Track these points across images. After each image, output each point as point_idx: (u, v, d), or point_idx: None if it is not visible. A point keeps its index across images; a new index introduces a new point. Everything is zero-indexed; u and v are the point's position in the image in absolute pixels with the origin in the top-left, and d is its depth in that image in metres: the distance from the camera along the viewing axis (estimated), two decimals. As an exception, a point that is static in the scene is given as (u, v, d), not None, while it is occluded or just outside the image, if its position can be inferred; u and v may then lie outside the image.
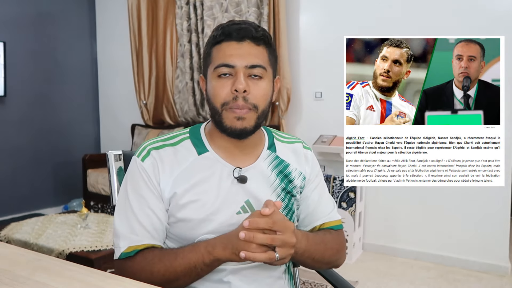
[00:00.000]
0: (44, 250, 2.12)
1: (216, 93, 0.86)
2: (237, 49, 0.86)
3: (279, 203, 0.84)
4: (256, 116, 0.87)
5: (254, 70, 0.86)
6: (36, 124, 3.99)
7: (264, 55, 0.88)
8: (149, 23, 3.96)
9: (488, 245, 2.64)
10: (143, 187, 0.88)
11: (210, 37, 0.91)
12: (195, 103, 3.72)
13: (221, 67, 0.86)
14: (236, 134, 0.88)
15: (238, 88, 0.84)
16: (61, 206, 4.17)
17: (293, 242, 0.80)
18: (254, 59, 0.86)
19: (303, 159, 1.01)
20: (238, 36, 0.86)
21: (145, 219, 0.86)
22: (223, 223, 0.88)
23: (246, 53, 0.86)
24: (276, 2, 3.20)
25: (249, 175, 0.91)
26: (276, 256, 0.78)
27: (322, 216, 1.00)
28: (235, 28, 0.86)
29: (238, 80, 0.84)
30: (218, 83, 0.86)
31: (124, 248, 0.86)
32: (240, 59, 0.85)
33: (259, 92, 0.86)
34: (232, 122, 0.86)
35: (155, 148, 0.91)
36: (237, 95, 0.84)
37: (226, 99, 0.85)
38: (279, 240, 0.78)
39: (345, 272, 2.63)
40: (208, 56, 0.90)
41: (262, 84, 0.87)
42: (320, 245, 0.93)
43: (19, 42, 3.79)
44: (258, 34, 0.87)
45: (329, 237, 0.97)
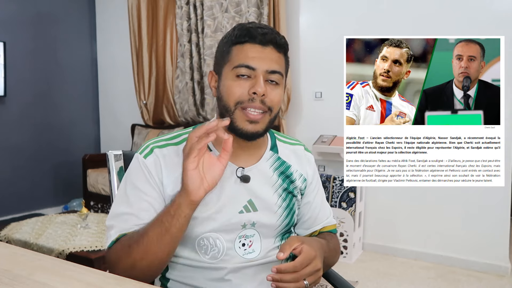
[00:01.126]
0: (44, 250, 2.12)
1: (232, 91, 0.85)
2: (260, 53, 0.86)
3: (295, 247, 0.81)
4: (269, 119, 0.88)
5: (273, 76, 0.86)
6: (36, 124, 3.99)
7: (282, 62, 0.89)
8: (149, 23, 3.96)
9: (488, 245, 2.64)
10: (142, 181, 0.88)
11: (229, 35, 0.89)
12: (195, 103, 3.72)
13: (241, 68, 0.85)
14: (247, 136, 0.88)
15: (257, 91, 0.83)
16: (61, 206, 4.17)
17: (319, 267, 0.80)
18: (275, 65, 0.87)
19: (305, 161, 1.03)
20: (263, 40, 0.86)
21: (141, 212, 0.86)
22: (226, 222, 0.88)
23: (268, 58, 0.86)
24: (276, 2, 3.20)
25: (252, 175, 0.92)
26: (305, 284, 0.78)
27: (322, 220, 1.04)
28: (260, 32, 0.86)
29: (258, 83, 0.84)
30: (235, 82, 0.86)
31: (114, 236, 0.85)
32: (262, 63, 0.85)
33: (275, 97, 0.87)
34: (244, 124, 0.86)
35: (158, 147, 0.91)
36: (255, 97, 0.84)
37: (241, 98, 0.85)
38: (306, 274, 0.78)
39: (345, 272, 2.63)
40: (226, 54, 0.89)
41: (278, 90, 0.88)
42: (332, 251, 0.97)
43: (19, 42, 3.78)
44: (281, 41, 0.88)
45: (335, 241, 1.02)
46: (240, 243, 0.91)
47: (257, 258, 0.92)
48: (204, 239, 0.89)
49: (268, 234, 0.94)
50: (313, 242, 0.84)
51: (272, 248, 0.95)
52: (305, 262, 0.77)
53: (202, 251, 0.89)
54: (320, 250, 0.84)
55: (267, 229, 0.93)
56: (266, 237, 0.94)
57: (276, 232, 0.95)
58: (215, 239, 0.89)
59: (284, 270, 0.76)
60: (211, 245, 0.89)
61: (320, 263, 0.80)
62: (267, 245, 0.94)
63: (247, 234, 0.91)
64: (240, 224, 0.90)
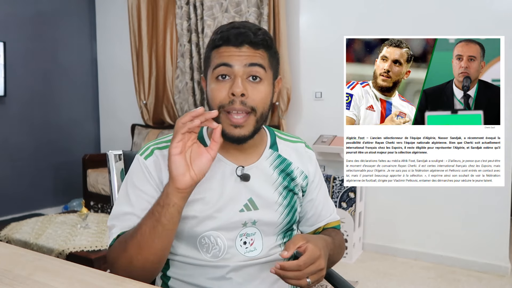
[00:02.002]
0: (44, 250, 2.12)
1: (214, 95, 0.85)
2: (235, 52, 0.85)
3: (300, 246, 0.80)
4: (255, 120, 0.86)
5: (253, 70, 0.85)
6: (36, 124, 3.99)
7: (264, 58, 0.87)
8: (149, 23, 3.96)
9: (488, 245, 2.64)
10: (143, 181, 0.89)
11: (210, 40, 0.90)
12: (195, 103, 3.72)
13: (220, 67, 0.85)
14: (233, 141, 0.87)
15: (235, 92, 0.82)
16: (61, 206, 4.17)
17: (323, 267, 0.80)
18: (253, 59, 0.85)
19: (306, 159, 1.02)
20: (237, 41, 0.85)
21: (142, 212, 0.86)
22: (227, 221, 0.89)
23: (245, 55, 0.85)
24: (276, 2, 3.20)
25: (252, 173, 0.92)
26: (307, 282, 0.78)
27: (326, 216, 1.05)
28: (234, 33, 0.85)
29: (236, 84, 0.83)
30: (216, 85, 0.86)
31: (115, 235, 0.86)
32: (238, 59, 0.85)
33: (258, 96, 0.85)
34: (229, 129, 0.85)
35: (158, 148, 0.92)
36: (234, 99, 0.83)
37: (223, 102, 0.84)
38: (309, 273, 0.78)
39: (345, 272, 2.63)
40: (207, 59, 0.90)
41: (261, 87, 0.86)
42: (338, 248, 0.97)
43: (19, 42, 3.78)
44: (257, 38, 0.86)
45: (339, 238, 1.02)
46: (241, 242, 0.91)
47: (258, 257, 0.92)
48: (205, 238, 0.89)
49: (269, 232, 0.94)
50: (318, 240, 0.83)
51: (273, 246, 0.95)
52: (309, 261, 0.77)
53: (204, 250, 0.90)
54: (324, 248, 0.83)
55: (268, 227, 0.94)
56: (267, 235, 0.94)
57: (277, 230, 0.95)
58: (216, 238, 0.89)
59: (288, 267, 0.76)
60: (212, 244, 0.89)
61: (324, 263, 0.80)
62: (269, 243, 0.94)
63: (248, 233, 0.92)
64: (241, 222, 0.90)
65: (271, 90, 0.90)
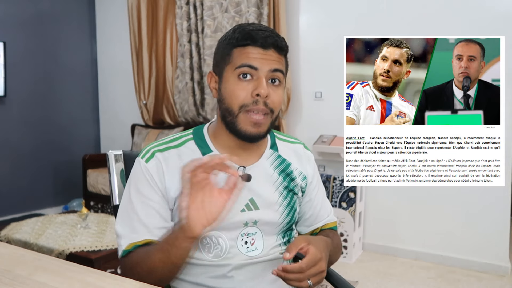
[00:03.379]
0: (44, 250, 2.12)
1: (236, 94, 0.86)
2: (262, 55, 0.86)
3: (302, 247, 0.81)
4: (271, 121, 0.89)
5: (275, 74, 0.87)
6: (36, 124, 3.99)
7: (283, 63, 0.90)
8: (149, 23, 3.96)
9: (488, 245, 2.64)
10: (146, 186, 0.89)
11: (230, 37, 0.89)
12: (195, 103, 3.72)
13: (244, 67, 0.85)
14: (249, 139, 0.88)
15: (260, 93, 0.84)
16: (61, 206, 4.17)
17: (324, 269, 0.80)
18: (277, 64, 0.87)
19: (305, 160, 1.03)
20: (265, 43, 0.86)
21: (147, 218, 0.87)
22: (227, 221, 0.89)
23: (270, 59, 0.86)
24: (276, 2, 3.20)
25: (253, 173, 0.92)
26: (309, 284, 0.78)
27: (324, 217, 1.05)
28: (262, 35, 0.86)
29: (261, 85, 0.84)
30: (238, 85, 0.86)
31: (125, 246, 0.86)
32: (264, 63, 0.85)
33: (277, 98, 0.87)
34: (248, 127, 0.86)
35: (159, 151, 0.92)
36: (258, 99, 0.85)
37: (246, 101, 0.85)
38: (311, 275, 0.78)
39: (345, 272, 2.63)
40: (226, 55, 0.89)
41: (279, 91, 0.88)
42: (336, 249, 0.98)
43: (19, 42, 3.78)
44: (282, 44, 0.88)
45: (337, 238, 1.03)
46: (242, 241, 0.92)
47: (259, 256, 0.93)
48: (206, 238, 0.90)
49: (270, 231, 0.95)
50: (319, 242, 0.84)
51: (274, 246, 0.96)
52: (311, 264, 0.78)
53: (205, 250, 0.90)
54: (325, 250, 0.84)
55: (269, 227, 0.94)
56: (268, 235, 0.95)
57: (278, 229, 0.96)
58: (217, 238, 0.90)
59: (290, 270, 0.77)
60: (214, 244, 0.90)
61: (325, 265, 0.81)
62: (269, 243, 0.95)
63: (249, 232, 0.92)
64: (242, 222, 0.91)
65: (284, 94, 0.93)
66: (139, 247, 0.86)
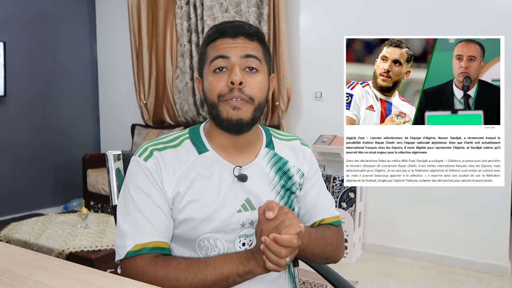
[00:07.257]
0: (44, 250, 2.12)
1: (213, 87, 0.87)
2: (231, 44, 0.87)
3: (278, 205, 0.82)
4: (253, 109, 0.87)
5: (249, 61, 0.87)
6: (36, 124, 3.99)
7: (258, 50, 0.90)
8: (149, 23, 3.96)
9: (488, 245, 2.64)
10: (148, 184, 0.87)
11: (204, 38, 0.92)
12: (195, 103, 3.72)
13: (217, 59, 0.87)
14: (233, 126, 0.87)
15: (234, 80, 0.84)
16: (61, 206, 4.18)
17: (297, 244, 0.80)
18: (249, 50, 0.87)
19: (301, 156, 1.01)
20: (232, 33, 0.87)
21: (152, 216, 0.85)
22: (224, 222, 0.88)
23: (241, 46, 0.87)
24: (276, 2, 3.20)
25: (249, 173, 0.91)
26: (287, 261, 0.78)
27: (321, 212, 1.01)
28: (229, 26, 0.88)
29: (234, 73, 0.85)
30: (214, 78, 0.87)
31: (131, 247, 0.83)
32: (235, 50, 0.86)
33: (255, 85, 0.87)
34: (228, 112, 0.86)
35: (157, 150, 0.91)
36: (233, 87, 0.85)
37: (222, 91, 0.86)
38: (287, 254, 0.78)
39: (345, 272, 2.64)
40: (203, 55, 0.91)
41: (257, 77, 0.88)
42: (321, 240, 0.93)
43: (19, 42, 3.79)
44: (251, 30, 0.89)
45: (329, 232, 0.98)
46: (240, 243, 0.91)
47: None
48: (204, 240, 0.89)
49: None
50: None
51: None
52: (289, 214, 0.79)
53: (203, 252, 0.89)
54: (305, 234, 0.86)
55: None
56: None
57: None
58: (215, 240, 0.89)
59: (280, 241, 0.76)
60: (211, 246, 0.89)
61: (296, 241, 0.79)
62: None
63: (247, 234, 0.91)
64: (239, 223, 0.90)
65: (267, 82, 0.92)
66: (149, 251, 0.84)
